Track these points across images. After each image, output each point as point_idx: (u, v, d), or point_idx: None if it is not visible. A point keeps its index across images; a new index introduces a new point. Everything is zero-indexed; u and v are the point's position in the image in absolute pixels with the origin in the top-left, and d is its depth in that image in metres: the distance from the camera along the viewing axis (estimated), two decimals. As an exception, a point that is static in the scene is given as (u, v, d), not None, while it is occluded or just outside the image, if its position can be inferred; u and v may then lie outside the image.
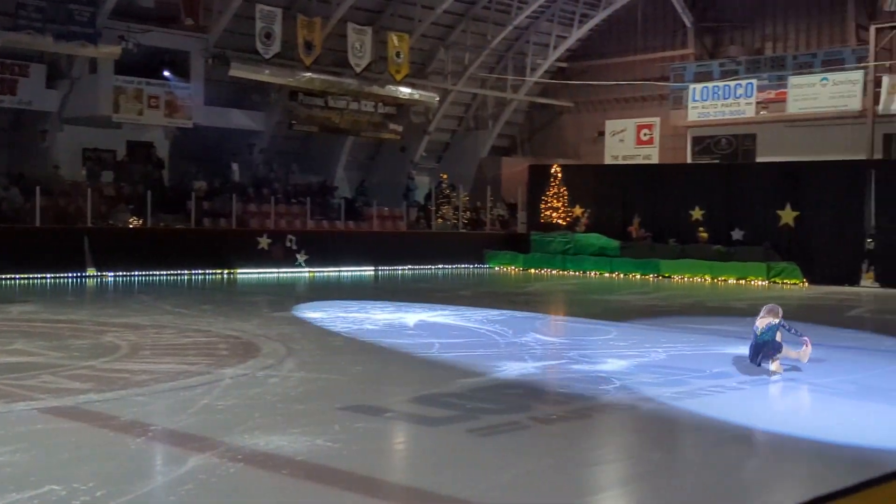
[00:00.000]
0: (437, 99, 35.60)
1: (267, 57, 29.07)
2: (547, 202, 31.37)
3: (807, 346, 10.71)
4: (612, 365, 10.85)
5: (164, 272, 24.50)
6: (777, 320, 10.56)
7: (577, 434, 7.75)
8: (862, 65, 29.83)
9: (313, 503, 5.81)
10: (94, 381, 9.23)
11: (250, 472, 6.28)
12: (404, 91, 33.63)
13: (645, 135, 36.52)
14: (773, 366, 10.51)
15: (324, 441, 7.08)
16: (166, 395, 8.70)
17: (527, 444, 7.40)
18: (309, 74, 30.62)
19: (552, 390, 9.71)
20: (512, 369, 10.72)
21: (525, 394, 9.41)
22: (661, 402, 8.84)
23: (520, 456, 7.00)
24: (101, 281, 23.04)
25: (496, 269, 31.11)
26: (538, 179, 32.25)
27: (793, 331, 10.66)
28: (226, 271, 25.74)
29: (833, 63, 31.06)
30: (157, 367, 10.12)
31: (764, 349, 10.52)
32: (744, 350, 12.20)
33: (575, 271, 29.30)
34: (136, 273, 23.97)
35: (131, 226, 25.68)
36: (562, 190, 31.21)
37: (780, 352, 10.46)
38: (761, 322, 10.78)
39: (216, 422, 7.65)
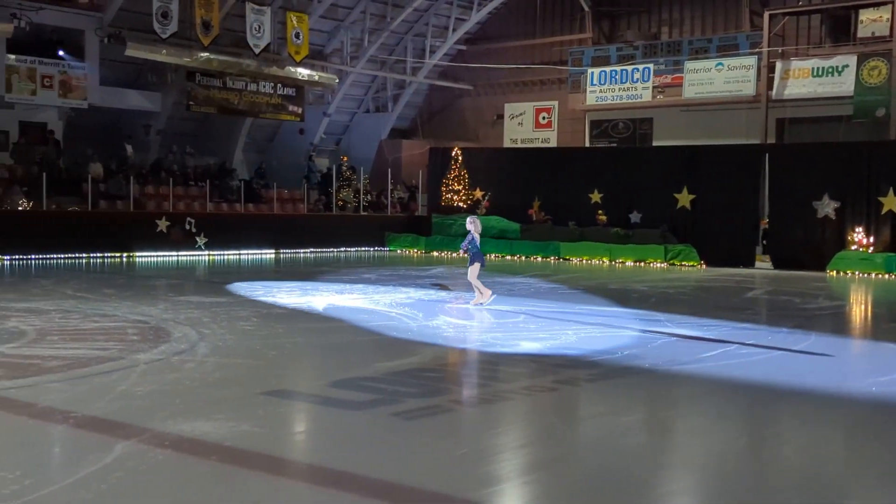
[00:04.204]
0: (337, 80, 35.41)
1: (164, 36, 28.44)
2: (448, 185, 31.51)
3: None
4: (525, 347, 11.02)
5: (61, 255, 23.91)
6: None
7: (501, 417, 7.86)
8: (756, 50, 30.66)
9: (246, 489, 5.79)
10: (5, 368, 9.00)
11: (179, 459, 6.23)
12: (304, 72, 33.35)
13: (543, 118, 37.02)
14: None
15: (249, 426, 7.05)
16: (82, 382, 8.54)
17: (452, 427, 7.50)
18: (207, 55, 30.11)
19: (470, 373, 9.82)
20: (427, 353, 10.81)
21: (444, 377, 9.51)
22: (578, 384, 9.03)
23: (446, 439, 7.09)
24: (-5, 265, 22.38)
25: (398, 251, 31.15)
26: (438, 162, 32.39)
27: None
28: (124, 254, 25.21)
29: (728, 48, 31.86)
30: (68, 353, 9.91)
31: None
32: (650, 332, 12.57)
33: (476, 253, 29.46)
34: (33, 256, 23.38)
35: (21, 208, 24.86)
36: (462, 173, 31.38)
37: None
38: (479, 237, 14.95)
39: (137, 408, 7.55)
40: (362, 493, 5.70)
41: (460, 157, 31.50)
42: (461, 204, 31.13)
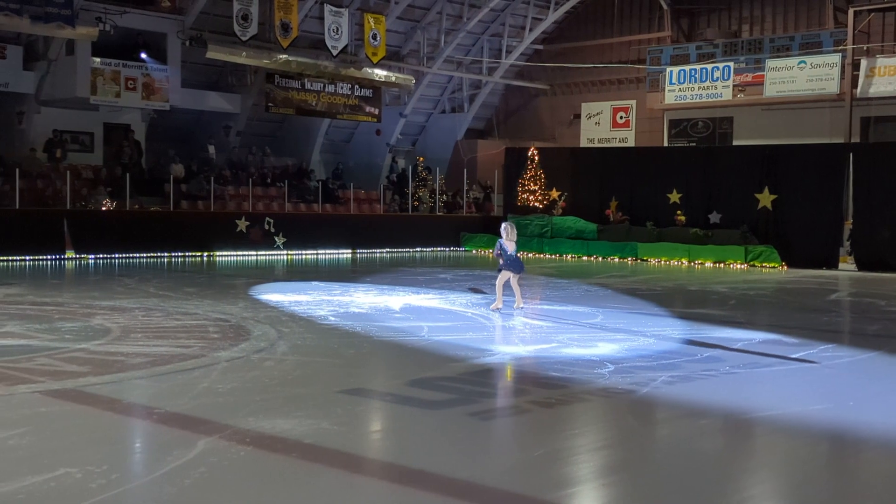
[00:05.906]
0: (413, 81, 35.58)
1: (244, 39, 28.91)
2: (524, 185, 31.39)
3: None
4: (603, 349, 10.94)
5: (144, 255, 24.48)
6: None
7: (579, 418, 7.82)
8: (840, 48, 29.98)
9: (325, 486, 5.85)
10: (91, 365, 9.23)
11: (261, 456, 6.31)
12: (381, 73, 33.58)
13: (621, 118, 36.70)
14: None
15: (328, 424, 7.12)
16: (165, 378, 8.71)
17: (528, 427, 7.47)
18: (286, 56, 30.51)
19: (548, 374, 9.76)
20: (504, 353, 10.81)
21: (521, 377, 9.49)
22: (657, 386, 8.93)
23: (523, 440, 7.07)
24: (81, 263, 22.93)
25: (473, 252, 31.17)
26: (514, 162, 32.25)
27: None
28: (204, 254, 25.67)
29: (811, 46, 31.20)
30: (151, 350, 10.12)
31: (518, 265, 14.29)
32: (730, 334, 12.39)
33: (552, 254, 29.42)
34: (116, 255, 23.99)
35: (104, 208, 25.46)
36: (539, 173, 31.22)
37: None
38: (509, 244, 14.15)
39: (219, 405, 7.68)
40: (439, 492, 5.72)
41: (536, 157, 31.34)
42: (537, 204, 30.98)
